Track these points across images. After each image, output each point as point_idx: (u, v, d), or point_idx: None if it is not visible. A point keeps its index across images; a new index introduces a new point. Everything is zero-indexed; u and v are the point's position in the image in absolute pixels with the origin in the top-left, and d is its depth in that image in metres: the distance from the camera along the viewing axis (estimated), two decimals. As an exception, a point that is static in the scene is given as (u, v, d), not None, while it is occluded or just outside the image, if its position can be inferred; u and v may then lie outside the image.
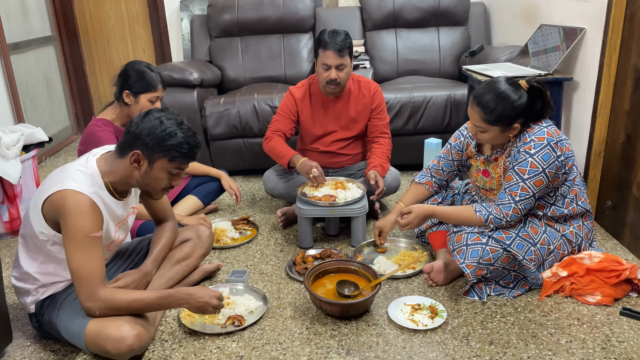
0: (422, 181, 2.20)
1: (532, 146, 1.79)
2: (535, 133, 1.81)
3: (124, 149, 1.61)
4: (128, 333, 1.54)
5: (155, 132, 1.57)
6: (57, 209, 1.53)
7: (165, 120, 1.59)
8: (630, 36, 2.21)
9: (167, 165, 1.62)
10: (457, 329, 1.76)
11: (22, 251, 1.67)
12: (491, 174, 1.97)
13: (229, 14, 3.71)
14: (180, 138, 1.58)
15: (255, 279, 2.14)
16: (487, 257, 1.84)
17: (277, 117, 2.58)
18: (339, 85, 2.44)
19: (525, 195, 1.81)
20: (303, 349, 1.69)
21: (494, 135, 1.85)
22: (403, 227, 1.98)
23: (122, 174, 1.63)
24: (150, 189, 1.69)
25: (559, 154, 1.80)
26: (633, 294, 1.90)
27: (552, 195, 1.92)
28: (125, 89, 2.19)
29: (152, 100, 2.22)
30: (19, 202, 2.65)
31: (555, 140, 1.80)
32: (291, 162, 2.42)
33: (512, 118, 1.80)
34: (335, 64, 2.37)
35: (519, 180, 1.81)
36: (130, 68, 2.20)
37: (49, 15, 4.31)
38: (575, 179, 1.92)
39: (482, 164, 2.01)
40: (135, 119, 1.63)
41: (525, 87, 1.82)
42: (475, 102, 1.81)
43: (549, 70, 2.62)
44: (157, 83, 2.21)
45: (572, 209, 1.92)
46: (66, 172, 1.60)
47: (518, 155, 1.82)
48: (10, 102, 3.62)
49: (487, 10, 3.86)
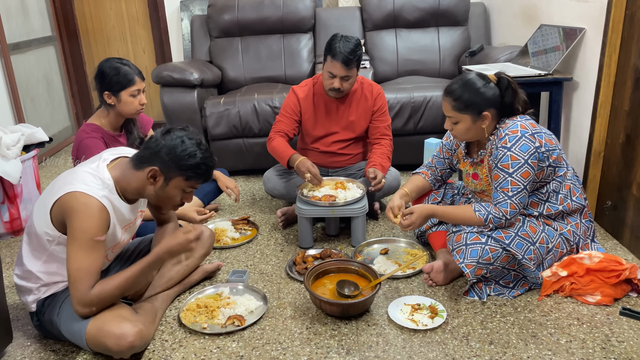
0: (418, 171, 2.25)
1: (507, 140, 1.82)
2: (509, 127, 1.84)
3: (142, 162, 1.62)
4: (129, 330, 1.55)
5: (176, 151, 1.59)
6: (65, 210, 1.54)
7: (187, 140, 1.61)
8: (630, 36, 2.21)
9: (183, 184, 1.64)
10: (457, 329, 1.76)
11: (26, 249, 1.67)
12: (480, 176, 1.99)
13: (229, 14, 3.72)
14: (199, 159, 1.61)
15: (256, 278, 2.14)
16: (486, 256, 1.85)
17: (280, 118, 2.58)
18: (342, 93, 2.45)
19: (517, 189, 1.82)
20: (303, 349, 1.69)
21: (466, 125, 1.88)
22: (405, 228, 1.98)
23: (135, 185, 1.64)
24: (161, 204, 1.71)
25: (537, 145, 1.82)
26: (633, 294, 1.90)
27: (544, 191, 1.93)
28: (105, 90, 2.12)
29: (133, 94, 2.14)
30: (19, 202, 2.65)
31: (529, 132, 1.82)
32: (290, 161, 2.43)
33: (480, 105, 1.84)
34: (341, 75, 2.36)
35: (506, 175, 1.82)
36: (104, 67, 2.12)
37: (49, 15, 4.31)
38: (566, 174, 1.93)
39: (470, 168, 2.04)
40: (155, 134, 1.64)
41: (494, 80, 1.87)
42: (445, 93, 1.89)
43: (549, 70, 2.62)
44: (133, 76, 2.12)
45: (567, 205, 1.93)
46: (77, 175, 1.60)
47: (497, 152, 1.84)
48: (11, 102, 3.62)
49: (487, 10, 3.86)
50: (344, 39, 2.33)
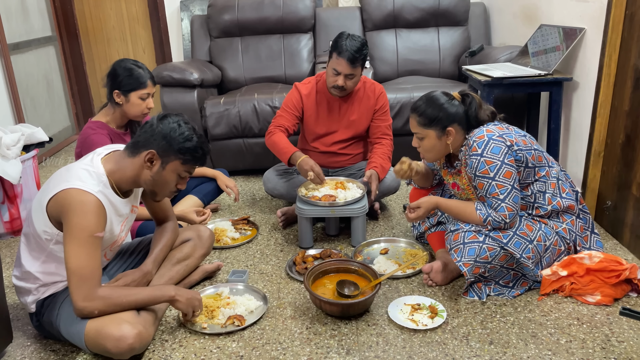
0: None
1: (476, 147, 1.84)
2: (475, 134, 1.87)
3: (137, 147, 1.63)
4: (129, 332, 1.54)
5: (173, 134, 1.61)
6: (61, 207, 1.53)
7: (183, 125, 1.64)
8: (630, 36, 2.21)
9: (179, 168, 1.65)
10: (457, 329, 1.76)
11: (24, 250, 1.67)
12: (460, 186, 2.01)
13: (229, 14, 3.72)
14: (195, 143, 1.64)
15: (255, 278, 2.14)
16: (484, 255, 1.85)
17: (280, 112, 2.57)
18: (345, 91, 2.45)
19: (506, 190, 1.83)
20: (303, 349, 1.69)
21: (432, 142, 1.91)
22: (413, 220, 2.03)
23: (131, 172, 1.64)
24: (157, 190, 1.70)
25: (508, 144, 1.83)
26: (633, 294, 1.90)
27: (530, 194, 1.93)
28: (115, 88, 2.16)
29: (142, 97, 2.18)
30: (19, 202, 2.65)
31: (496, 134, 1.84)
32: (292, 159, 2.42)
33: (443, 120, 1.87)
34: (346, 73, 2.37)
35: (489, 180, 1.83)
36: (118, 67, 2.17)
37: (49, 15, 4.31)
38: (549, 173, 1.93)
39: (450, 177, 2.05)
40: (151, 120, 1.66)
41: (458, 98, 1.92)
42: (411, 110, 1.95)
43: (549, 70, 2.62)
44: (145, 79, 2.17)
45: (557, 203, 1.93)
46: (71, 172, 1.60)
47: (471, 161, 1.86)
48: (11, 102, 3.62)
49: (487, 11, 3.86)
50: (351, 37, 2.35)
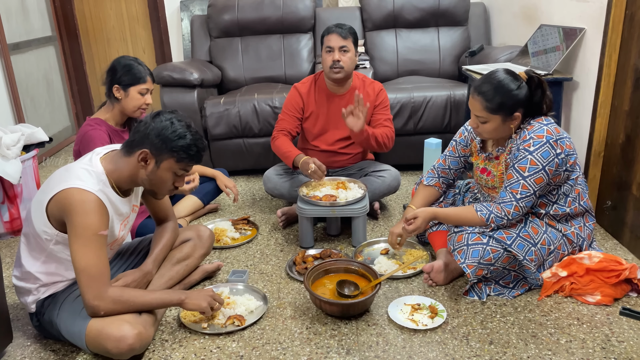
0: (431, 183, 2.17)
1: (531, 144, 1.80)
2: (534, 131, 1.82)
3: (132, 147, 1.62)
4: (129, 332, 1.54)
5: (166, 132, 1.59)
6: (63, 207, 1.53)
7: (176, 122, 1.62)
8: (630, 36, 2.21)
9: (174, 166, 1.64)
10: (457, 329, 1.76)
11: (24, 250, 1.67)
12: (492, 172, 1.98)
13: (229, 14, 3.72)
14: (189, 140, 1.61)
15: (256, 278, 2.14)
16: (487, 257, 1.85)
17: (282, 116, 2.58)
18: (343, 70, 2.43)
19: (526, 193, 1.81)
20: (303, 349, 1.69)
21: (495, 125, 1.85)
22: (411, 233, 2.00)
23: (127, 172, 1.64)
24: (155, 189, 1.70)
25: (558, 152, 1.81)
26: (633, 294, 1.90)
27: (555, 193, 1.92)
28: (114, 83, 2.19)
29: (142, 92, 2.20)
30: (19, 202, 2.65)
31: (554, 138, 1.81)
32: (295, 161, 2.43)
33: (512, 107, 1.82)
34: (339, 46, 2.40)
35: (520, 177, 1.81)
36: (117, 63, 2.20)
37: (49, 15, 4.31)
38: (578, 178, 1.93)
39: (482, 162, 2.02)
40: (145, 118, 1.65)
41: (525, 78, 1.85)
42: (477, 92, 1.84)
43: (549, 70, 2.62)
44: (145, 75, 2.20)
45: (574, 208, 1.93)
46: (71, 171, 1.60)
47: (518, 153, 1.83)
48: (11, 102, 3.62)
49: (487, 10, 3.86)
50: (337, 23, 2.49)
